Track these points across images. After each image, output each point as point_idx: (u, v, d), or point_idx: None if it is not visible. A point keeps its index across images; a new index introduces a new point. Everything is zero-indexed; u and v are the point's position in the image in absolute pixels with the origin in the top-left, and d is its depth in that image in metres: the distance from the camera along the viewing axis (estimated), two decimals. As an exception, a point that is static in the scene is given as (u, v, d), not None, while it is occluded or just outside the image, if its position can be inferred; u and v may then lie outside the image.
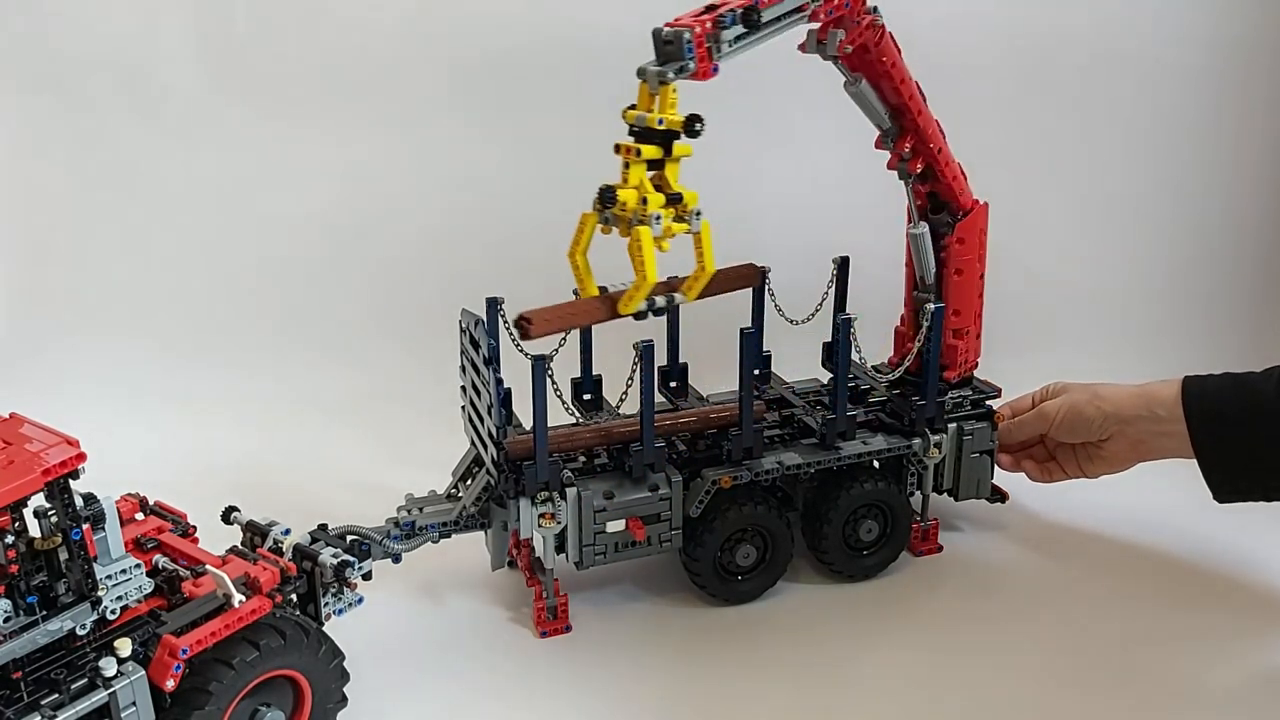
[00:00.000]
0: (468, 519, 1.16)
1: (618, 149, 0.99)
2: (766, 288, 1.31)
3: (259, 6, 1.60)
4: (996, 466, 1.30)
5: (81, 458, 0.82)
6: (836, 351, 1.18)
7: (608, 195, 0.97)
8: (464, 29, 1.60)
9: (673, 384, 1.32)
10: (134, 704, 0.85)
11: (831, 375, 1.25)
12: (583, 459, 1.18)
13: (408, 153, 1.63)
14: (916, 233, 1.22)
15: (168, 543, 1.00)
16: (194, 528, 1.04)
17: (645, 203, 0.97)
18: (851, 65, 1.13)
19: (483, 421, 1.13)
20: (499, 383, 1.09)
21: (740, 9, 0.96)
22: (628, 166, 0.98)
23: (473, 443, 1.21)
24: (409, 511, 1.16)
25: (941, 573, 1.27)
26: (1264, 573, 1.25)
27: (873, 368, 1.34)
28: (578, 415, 1.27)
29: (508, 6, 1.59)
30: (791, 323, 1.30)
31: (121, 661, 0.85)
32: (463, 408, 1.23)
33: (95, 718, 0.84)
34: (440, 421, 1.35)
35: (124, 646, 0.85)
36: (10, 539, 0.81)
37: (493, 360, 1.10)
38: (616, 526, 1.13)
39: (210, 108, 1.61)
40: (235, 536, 1.04)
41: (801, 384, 1.37)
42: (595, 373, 1.30)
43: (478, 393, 1.14)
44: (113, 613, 0.86)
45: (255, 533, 1.03)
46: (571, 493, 1.12)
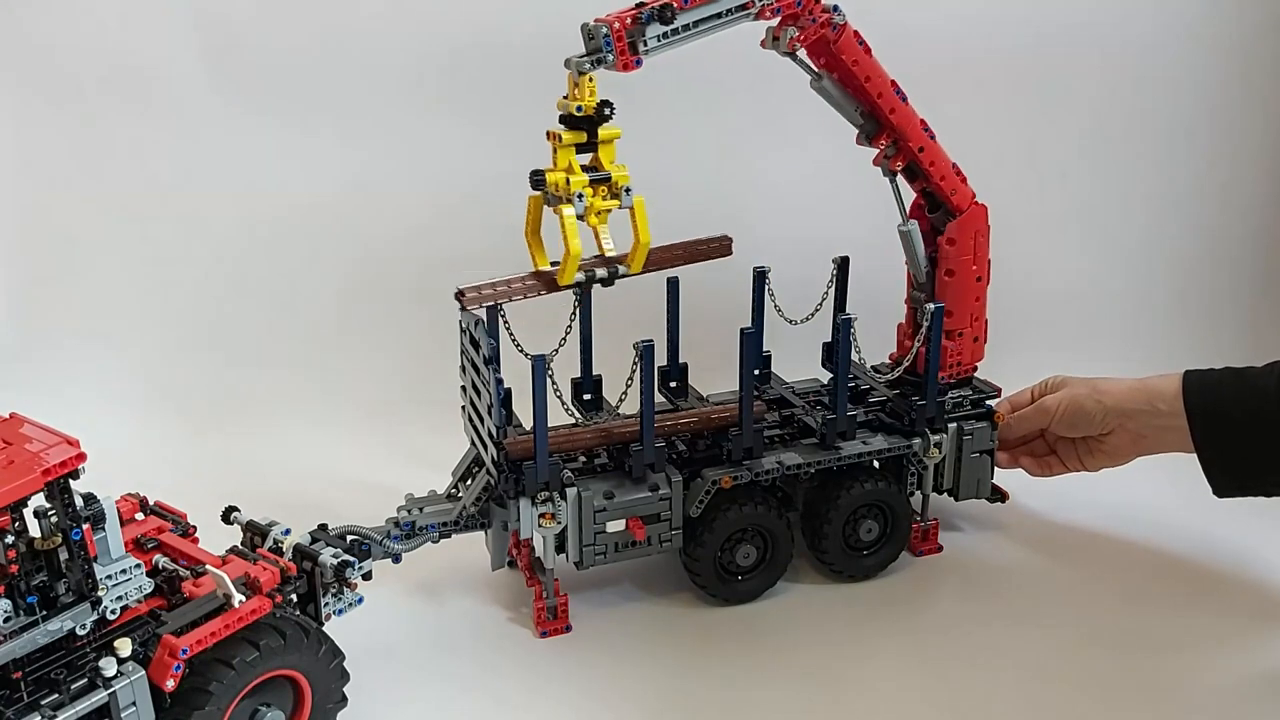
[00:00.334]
0: (468, 519, 1.16)
1: (548, 135, 1.06)
2: (766, 288, 1.31)
3: (258, 5, 1.60)
4: (995, 446, 1.29)
5: (81, 458, 0.82)
6: (836, 351, 1.18)
7: (537, 177, 1.06)
8: (464, 29, 1.60)
9: (673, 384, 1.32)
10: (134, 704, 0.85)
11: (831, 375, 1.25)
12: (583, 459, 1.18)
13: (410, 152, 1.63)
14: (904, 230, 1.22)
15: (168, 543, 1.00)
16: (194, 528, 1.04)
17: (568, 183, 1.04)
18: (819, 63, 1.14)
19: (483, 421, 1.13)
20: (499, 383, 1.09)
21: (657, 6, 1.01)
22: (556, 151, 1.05)
23: (473, 443, 1.21)
24: (409, 511, 1.16)
25: (941, 573, 1.27)
26: (1264, 573, 1.25)
27: (872, 368, 1.34)
28: (578, 415, 1.27)
29: (507, 2, 1.59)
30: (791, 323, 1.30)
31: (121, 661, 0.85)
32: (463, 408, 1.23)
33: (95, 718, 0.84)
34: (440, 421, 1.35)
35: (124, 646, 0.85)
36: (10, 539, 0.81)
37: (493, 360, 1.10)
38: (616, 526, 1.13)
39: (210, 107, 1.61)
40: (235, 536, 1.04)
41: (801, 384, 1.37)
42: (595, 373, 1.30)
43: (478, 393, 1.14)
44: (113, 613, 0.86)
45: (255, 533, 1.03)
46: (571, 493, 1.12)
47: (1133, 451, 1.24)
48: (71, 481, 0.82)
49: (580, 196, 1.04)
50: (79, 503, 0.83)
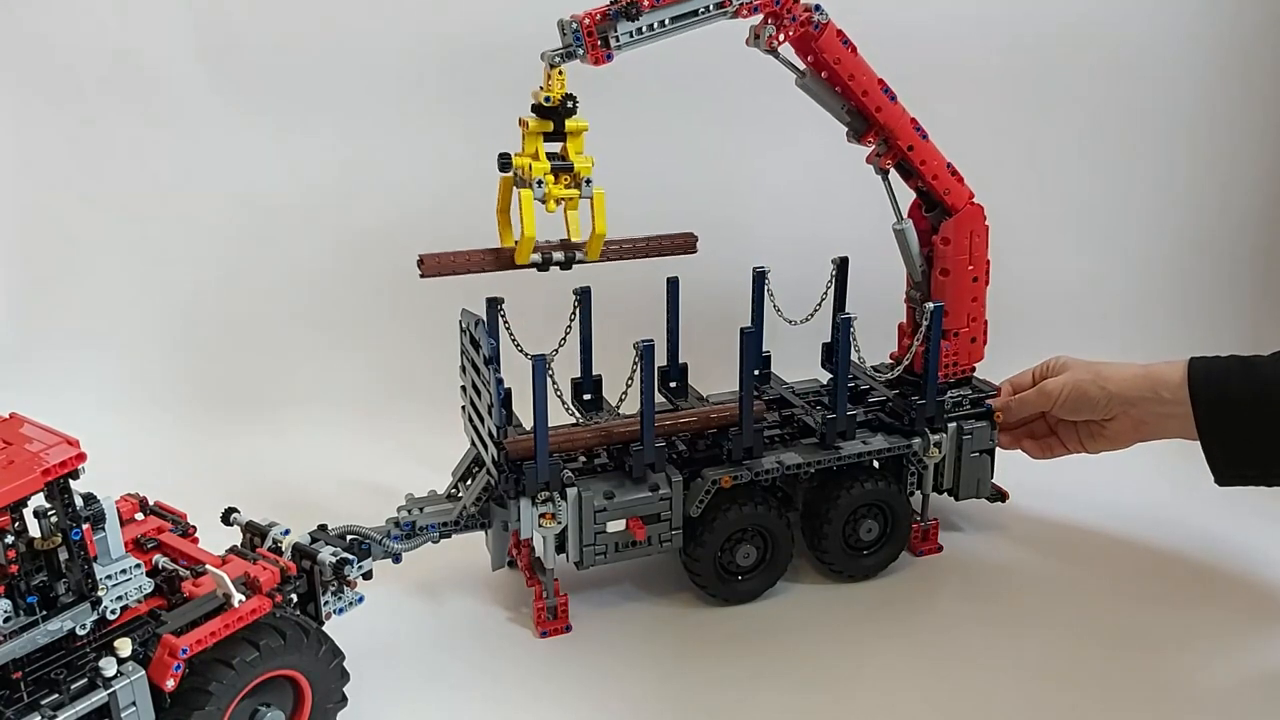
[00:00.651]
0: (468, 519, 1.16)
1: (519, 122, 1.09)
2: (766, 288, 1.31)
3: (258, 5, 1.60)
4: (995, 446, 1.29)
5: (81, 458, 0.82)
6: (836, 351, 1.18)
7: (503, 160, 1.09)
8: (464, 29, 1.60)
9: (673, 384, 1.32)
10: (134, 704, 0.85)
11: (831, 375, 1.25)
12: (583, 459, 1.18)
13: (411, 152, 1.63)
14: (899, 229, 1.23)
15: (168, 543, 1.00)
16: (194, 528, 1.04)
17: (531, 169, 1.07)
18: (807, 61, 1.15)
19: (483, 421, 1.13)
20: (499, 383, 1.09)
21: (625, 3, 1.04)
22: (524, 136, 1.09)
23: (473, 443, 1.21)
24: (409, 511, 1.16)
25: (941, 573, 1.27)
26: (1265, 573, 1.25)
27: (872, 367, 1.34)
28: (578, 415, 1.27)
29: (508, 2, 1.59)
30: (791, 323, 1.30)
31: (121, 661, 0.85)
32: (463, 408, 1.23)
33: (95, 718, 0.84)
34: (440, 421, 1.35)
35: (124, 646, 0.85)
36: (10, 539, 0.81)
37: (493, 360, 1.10)
38: (617, 526, 1.13)
39: (211, 108, 1.61)
40: (235, 537, 1.04)
41: (801, 384, 1.37)
42: (595, 373, 1.30)
43: (478, 393, 1.14)
44: (113, 613, 0.86)
45: (255, 533, 1.03)
46: (572, 493, 1.12)
47: (1134, 437, 1.24)
48: (71, 481, 0.82)
49: (540, 183, 1.07)
50: (79, 503, 0.83)
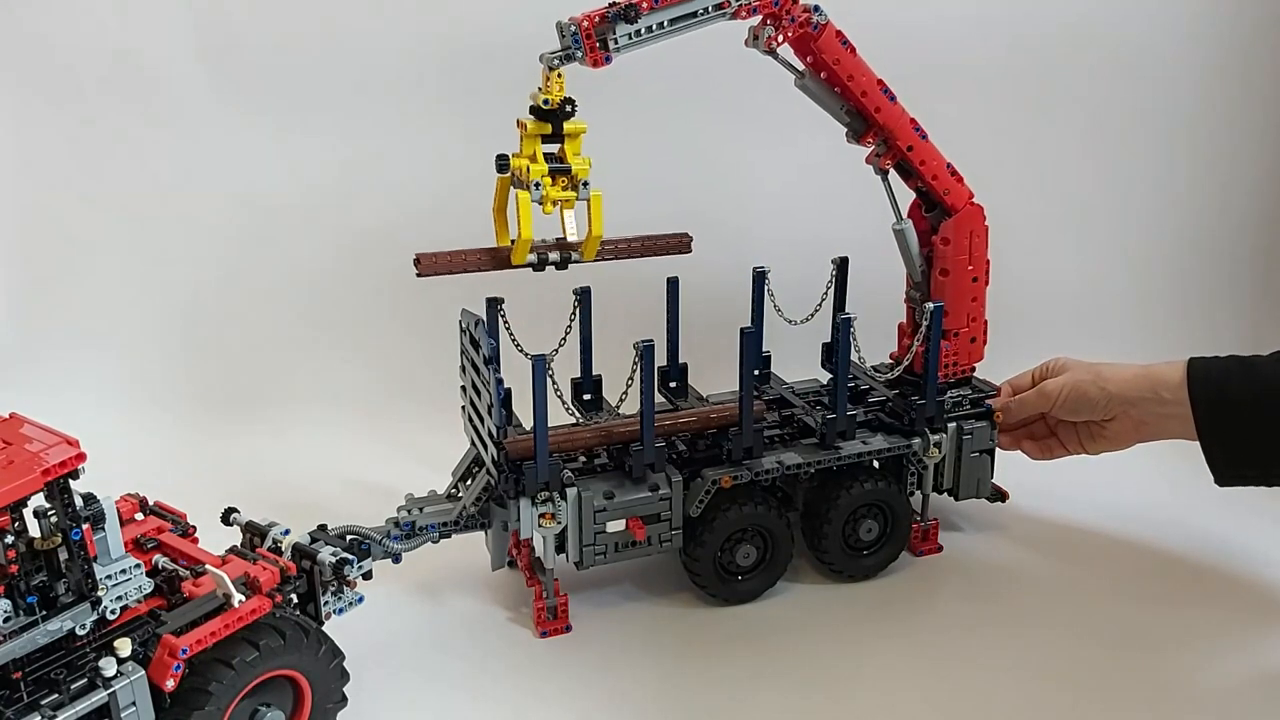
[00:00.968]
0: (468, 519, 1.16)
1: (517, 123, 1.09)
2: (766, 288, 1.31)
3: (258, 5, 1.60)
4: (995, 446, 1.29)
5: (81, 458, 0.82)
6: (836, 351, 1.18)
7: (502, 161, 1.09)
8: (464, 28, 1.60)
9: (673, 384, 1.32)
10: (134, 704, 0.85)
11: (831, 375, 1.25)
12: (583, 459, 1.18)
13: (411, 152, 1.63)
14: (898, 229, 1.23)
15: (168, 543, 1.00)
16: (194, 528, 1.04)
17: (528, 171, 1.07)
18: (806, 61, 1.15)
19: (483, 421, 1.13)
20: (499, 383, 1.09)
21: (623, 6, 1.04)
22: (522, 138, 1.09)
23: (473, 443, 1.21)
24: (409, 511, 1.16)
25: (941, 573, 1.27)
26: (1265, 573, 1.25)
27: (872, 367, 1.34)
28: (578, 415, 1.27)
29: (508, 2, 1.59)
30: (791, 323, 1.30)
31: (121, 661, 0.85)
32: (463, 408, 1.23)
33: (95, 718, 0.84)
34: (440, 421, 1.35)
35: (124, 646, 0.85)
36: (10, 539, 0.81)
37: (493, 360, 1.10)
38: (616, 526, 1.13)
39: (211, 108, 1.61)
40: (235, 537, 1.04)
41: (801, 384, 1.37)
42: (595, 373, 1.30)
43: (478, 393, 1.14)
44: (113, 613, 0.86)
45: (255, 533, 1.03)
46: (571, 493, 1.12)
47: (1134, 437, 1.24)
48: (71, 481, 0.82)
49: (538, 185, 1.07)
50: (79, 503, 0.83)
